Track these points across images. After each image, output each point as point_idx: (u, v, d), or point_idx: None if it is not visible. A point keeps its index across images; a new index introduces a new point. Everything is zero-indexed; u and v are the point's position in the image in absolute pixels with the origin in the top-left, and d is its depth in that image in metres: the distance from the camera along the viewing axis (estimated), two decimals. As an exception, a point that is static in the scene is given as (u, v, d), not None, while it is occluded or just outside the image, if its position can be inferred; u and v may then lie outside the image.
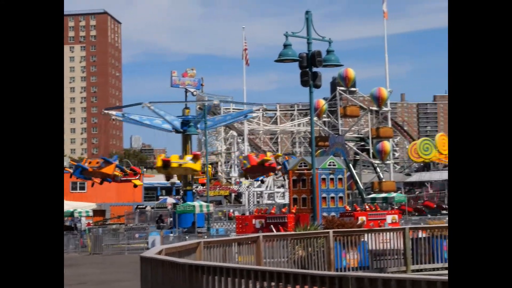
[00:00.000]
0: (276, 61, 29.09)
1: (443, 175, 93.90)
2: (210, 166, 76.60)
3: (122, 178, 62.48)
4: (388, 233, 22.35)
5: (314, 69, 28.10)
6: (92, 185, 60.69)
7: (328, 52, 29.09)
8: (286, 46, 28.53)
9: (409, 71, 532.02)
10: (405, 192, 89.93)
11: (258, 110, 69.05)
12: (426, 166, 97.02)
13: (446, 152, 29.45)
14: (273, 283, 7.92)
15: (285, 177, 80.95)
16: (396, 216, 37.72)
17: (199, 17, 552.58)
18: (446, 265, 21.24)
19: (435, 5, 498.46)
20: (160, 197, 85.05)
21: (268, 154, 66.73)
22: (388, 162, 70.01)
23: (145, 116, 61.28)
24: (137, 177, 65.24)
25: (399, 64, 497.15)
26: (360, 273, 6.97)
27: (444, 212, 70.07)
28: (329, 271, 16.76)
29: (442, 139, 28.71)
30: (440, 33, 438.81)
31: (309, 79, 27.89)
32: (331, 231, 20.64)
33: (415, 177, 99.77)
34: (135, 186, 66.70)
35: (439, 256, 21.70)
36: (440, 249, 21.84)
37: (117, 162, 63.86)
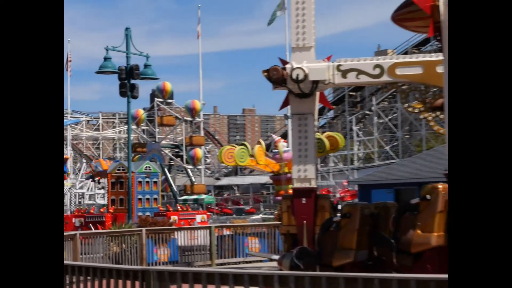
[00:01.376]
0: (97, 72, 28.82)
1: (249, 179, 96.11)
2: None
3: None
4: (196, 231, 22.61)
5: (132, 81, 28.02)
6: None
7: (146, 66, 29.08)
8: (106, 59, 28.38)
9: (221, 86, 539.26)
10: (215, 194, 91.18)
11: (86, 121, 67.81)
12: (234, 171, 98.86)
13: (230, 163, 30.25)
14: (81, 277, 7.79)
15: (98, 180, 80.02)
16: (205, 216, 37.92)
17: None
18: (247, 259, 21.72)
19: (245, 28, 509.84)
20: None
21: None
22: (200, 167, 70.52)
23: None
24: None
25: (212, 80, 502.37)
26: (161, 267, 6.99)
27: (249, 212, 71.55)
28: (138, 266, 16.63)
29: (242, 150, 29.40)
30: (248, 53, 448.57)
31: (127, 90, 27.82)
32: (144, 229, 20.60)
33: (224, 181, 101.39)
34: None
35: (240, 251, 22.16)
36: (242, 245, 22.32)
37: None
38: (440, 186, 10.55)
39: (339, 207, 15.02)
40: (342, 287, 5.44)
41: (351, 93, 76.27)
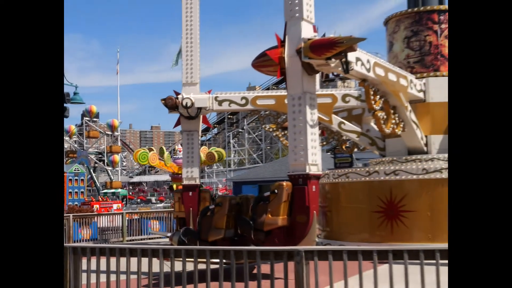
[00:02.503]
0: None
1: (155, 177, 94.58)
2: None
3: None
4: (112, 216, 22.05)
5: (65, 105, 27.18)
6: None
7: (75, 93, 28.15)
8: (45, 87, 27.42)
9: (135, 108, 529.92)
10: (129, 189, 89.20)
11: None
12: (143, 171, 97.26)
13: (143, 162, 29.54)
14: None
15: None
16: (120, 205, 37.05)
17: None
18: (150, 236, 21.40)
19: (154, 67, 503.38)
20: None
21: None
22: (117, 168, 69.20)
23: None
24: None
25: (128, 104, 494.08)
26: (75, 244, 6.77)
27: (154, 201, 70.44)
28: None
29: (141, 153, 29.12)
30: (155, 85, 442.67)
31: (61, 111, 27.04)
32: (71, 215, 19.93)
33: (136, 178, 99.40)
34: None
35: (145, 230, 21.81)
36: (146, 226, 21.97)
37: None
38: (284, 183, 10.75)
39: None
40: (208, 257, 5.47)
41: (229, 116, 76.65)
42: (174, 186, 26.67)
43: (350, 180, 14.43)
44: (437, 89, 15.07)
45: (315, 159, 10.82)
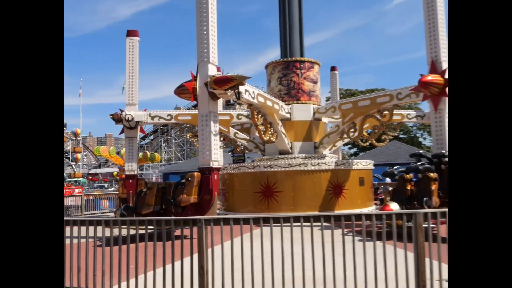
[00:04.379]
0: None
1: (108, 170, 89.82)
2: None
3: None
4: (74, 197, 20.67)
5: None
6: None
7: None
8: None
9: (94, 121, 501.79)
10: (87, 177, 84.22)
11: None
12: (99, 165, 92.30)
13: (113, 155, 27.82)
14: None
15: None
16: (80, 189, 34.78)
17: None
18: (102, 211, 20.30)
19: (109, 92, 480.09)
20: None
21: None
22: (79, 163, 65.18)
23: None
24: None
25: (88, 117, 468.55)
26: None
27: (106, 187, 66.89)
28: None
29: (103, 150, 27.33)
30: (109, 105, 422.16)
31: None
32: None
33: (93, 171, 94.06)
34: None
35: (98, 207, 20.68)
36: (99, 204, 20.84)
37: None
38: (195, 173, 10.64)
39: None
40: (137, 225, 5.28)
41: (161, 127, 74.66)
42: (115, 173, 25.71)
43: (241, 171, 14.56)
44: (298, 112, 15.62)
45: (216, 157, 10.81)
